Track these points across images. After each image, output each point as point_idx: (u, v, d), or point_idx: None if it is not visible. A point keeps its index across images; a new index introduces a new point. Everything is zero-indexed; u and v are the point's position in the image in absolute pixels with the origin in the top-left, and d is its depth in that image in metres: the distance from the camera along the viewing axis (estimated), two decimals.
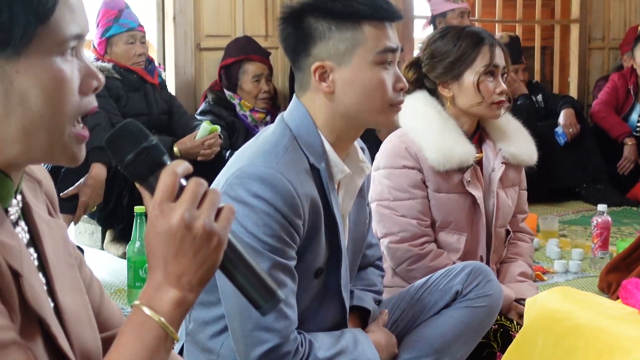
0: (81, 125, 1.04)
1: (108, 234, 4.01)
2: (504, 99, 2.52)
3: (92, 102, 1.05)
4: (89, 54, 4.04)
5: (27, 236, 1.08)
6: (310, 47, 1.78)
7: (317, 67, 1.77)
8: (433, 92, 2.57)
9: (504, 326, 2.36)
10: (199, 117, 4.30)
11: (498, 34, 5.76)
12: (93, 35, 4.12)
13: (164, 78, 4.38)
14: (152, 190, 1.04)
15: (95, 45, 4.10)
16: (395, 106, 1.82)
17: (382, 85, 1.78)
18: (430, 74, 2.55)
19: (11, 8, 0.95)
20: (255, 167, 1.71)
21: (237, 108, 4.43)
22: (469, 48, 2.49)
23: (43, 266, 1.08)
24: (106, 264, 3.78)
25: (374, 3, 1.77)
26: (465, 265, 2.21)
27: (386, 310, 2.10)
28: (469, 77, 2.49)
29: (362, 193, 1.98)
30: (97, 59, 4.04)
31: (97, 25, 4.07)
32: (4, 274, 0.95)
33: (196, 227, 1.00)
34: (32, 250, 1.07)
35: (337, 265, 1.85)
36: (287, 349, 1.70)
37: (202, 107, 4.45)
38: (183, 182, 1.04)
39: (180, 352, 1.87)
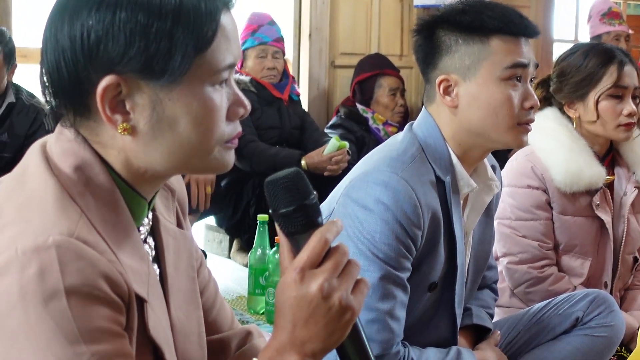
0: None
1: (235, 243, 4.10)
2: (632, 121, 2.36)
3: (237, 127, 1.04)
4: None
5: (153, 253, 1.10)
6: (437, 60, 1.76)
7: (442, 80, 1.75)
8: (563, 111, 2.48)
9: (622, 358, 2.24)
10: (328, 131, 4.35)
11: None
12: None
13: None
14: (295, 245, 1.01)
15: None
16: (523, 125, 1.74)
17: (509, 102, 1.72)
18: (557, 94, 2.45)
19: (171, 38, 0.95)
20: (380, 171, 1.67)
21: (370, 122, 4.46)
22: (596, 67, 2.36)
23: (162, 280, 1.09)
24: (231, 271, 3.87)
25: (504, 16, 1.71)
26: (589, 292, 2.13)
27: (498, 331, 2.04)
28: (594, 97, 2.37)
29: (490, 212, 1.93)
30: (236, 72, 4.16)
31: None
32: (131, 303, 0.97)
33: (333, 299, 0.98)
34: (155, 266, 1.09)
35: (453, 280, 1.80)
36: None
37: (333, 120, 4.51)
38: None
39: None
